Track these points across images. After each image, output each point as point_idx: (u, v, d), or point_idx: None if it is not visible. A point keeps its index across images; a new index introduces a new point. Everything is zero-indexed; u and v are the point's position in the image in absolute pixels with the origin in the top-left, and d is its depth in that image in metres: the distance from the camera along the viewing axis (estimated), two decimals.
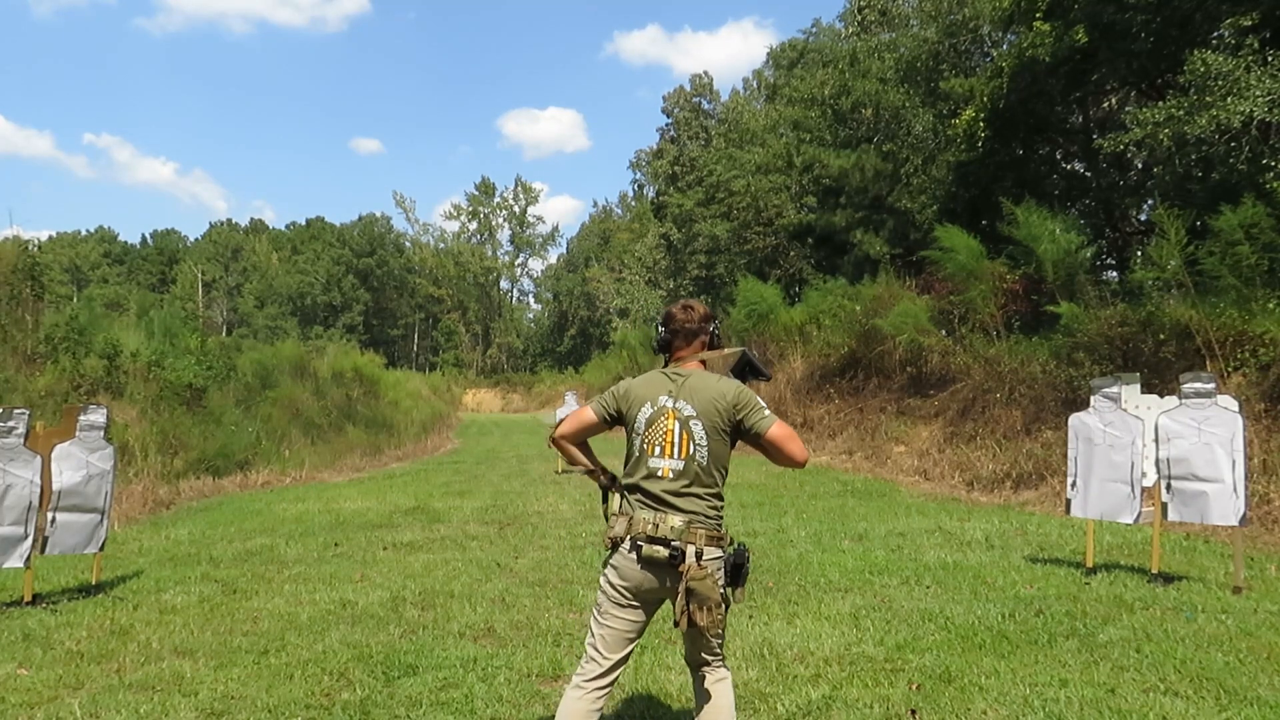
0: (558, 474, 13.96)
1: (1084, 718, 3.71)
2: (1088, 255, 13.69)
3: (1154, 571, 6.15)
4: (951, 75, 17.61)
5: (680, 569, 2.76)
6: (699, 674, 2.98)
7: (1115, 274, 17.04)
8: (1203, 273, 10.32)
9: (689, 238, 38.65)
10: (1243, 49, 10.55)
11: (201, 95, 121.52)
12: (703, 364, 3.00)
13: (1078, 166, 18.43)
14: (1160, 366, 10.25)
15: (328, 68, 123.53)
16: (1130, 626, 4.97)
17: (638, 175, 59.14)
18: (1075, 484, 6.73)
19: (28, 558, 5.74)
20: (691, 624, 2.74)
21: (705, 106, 49.37)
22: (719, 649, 2.97)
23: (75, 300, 35.15)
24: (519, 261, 77.14)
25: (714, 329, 3.06)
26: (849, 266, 22.44)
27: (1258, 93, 9.98)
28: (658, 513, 2.82)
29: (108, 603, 5.86)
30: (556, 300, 72.84)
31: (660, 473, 2.86)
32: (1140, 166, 17.18)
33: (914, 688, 4.05)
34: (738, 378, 3.01)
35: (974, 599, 5.65)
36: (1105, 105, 17.18)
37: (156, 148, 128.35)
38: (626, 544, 2.84)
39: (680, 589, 2.74)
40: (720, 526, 2.88)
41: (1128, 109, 14.78)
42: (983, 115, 15.04)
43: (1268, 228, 9.80)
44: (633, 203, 65.48)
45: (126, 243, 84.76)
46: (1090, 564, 6.46)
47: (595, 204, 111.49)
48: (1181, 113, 10.65)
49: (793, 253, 28.45)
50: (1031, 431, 11.63)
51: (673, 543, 2.77)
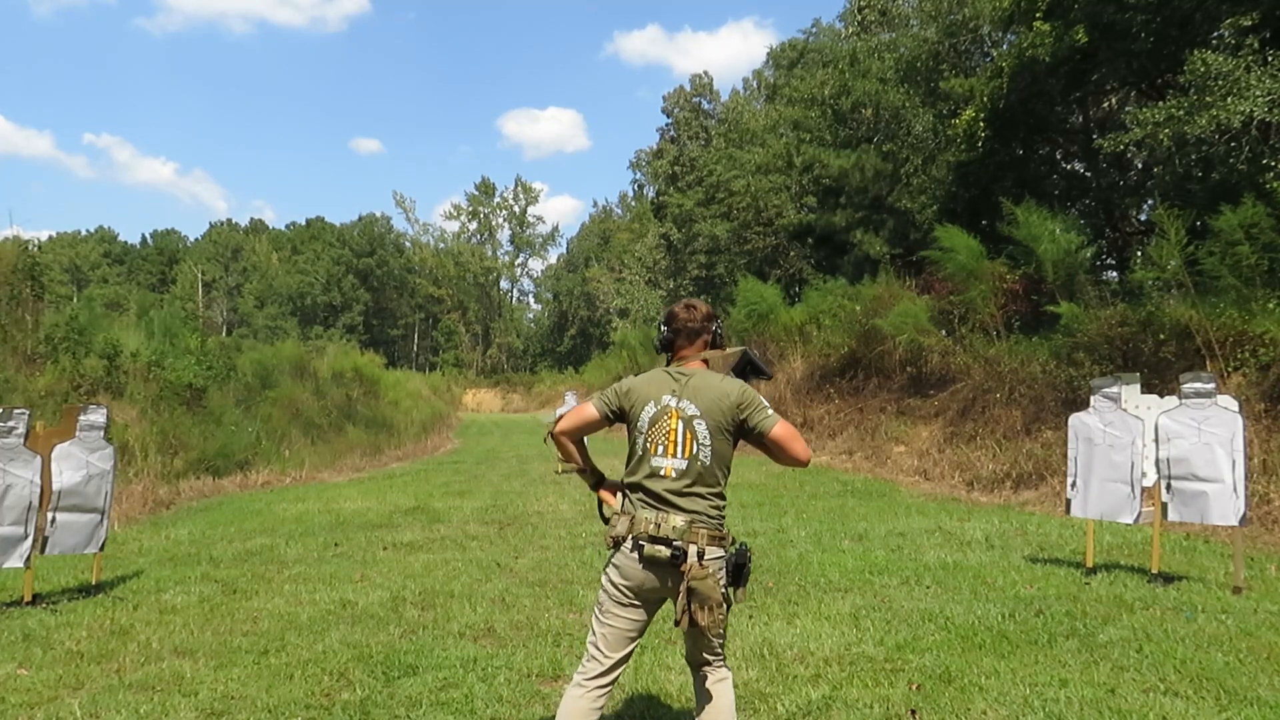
0: (557, 474, 13.95)
1: (1084, 718, 3.71)
2: (1088, 255, 13.69)
3: (1154, 571, 6.15)
4: (951, 75, 17.61)
5: (682, 569, 2.76)
6: (700, 674, 2.98)
7: (1115, 274, 17.04)
8: (1203, 273, 10.32)
9: (689, 238, 38.66)
10: (1243, 49, 10.55)
11: (201, 95, 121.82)
12: (705, 363, 3.00)
13: (1078, 166, 18.43)
14: (1160, 366, 10.25)
15: (328, 68, 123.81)
16: (1130, 626, 4.98)
17: (638, 175, 59.21)
18: (1075, 484, 6.73)
19: (28, 558, 5.74)
20: (693, 624, 2.74)
21: (705, 106, 49.37)
22: (720, 649, 2.97)
23: (75, 300, 35.15)
24: (519, 261, 77.21)
25: (717, 328, 3.06)
26: (849, 266, 22.44)
27: (1258, 93, 9.98)
28: (660, 512, 2.82)
29: (108, 603, 5.86)
30: (556, 300, 72.84)
31: (663, 472, 2.85)
32: (1140, 166, 17.18)
33: (914, 688, 4.05)
34: (739, 377, 3.01)
35: (974, 599, 5.65)
36: (1105, 105, 17.18)
37: (156, 148, 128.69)
38: (629, 543, 2.84)
39: (682, 588, 2.74)
40: (722, 526, 2.88)
41: (1128, 109, 14.78)
42: (983, 115, 15.05)
43: (1268, 228, 9.80)
44: (633, 203, 65.49)
45: (126, 243, 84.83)
46: (1090, 564, 6.46)
47: (595, 204, 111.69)
48: (1181, 113, 10.65)
49: (793, 253, 28.45)
50: (1031, 431, 11.63)
51: (675, 542, 2.77)
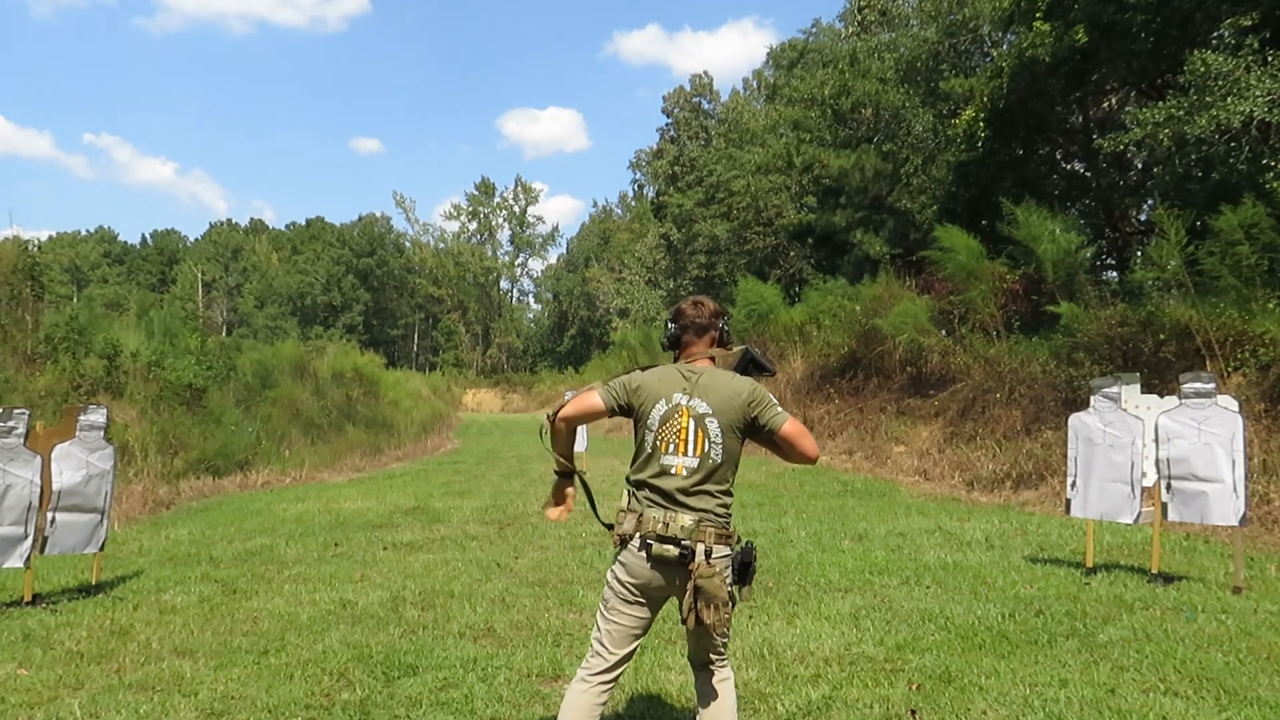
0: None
1: (1084, 718, 3.70)
2: (1088, 255, 13.69)
3: (1154, 571, 6.15)
4: (951, 75, 17.61)
5: (690, 567, 2.76)
6: (702, 673, 2.98)
7: (1115, 274, 17.04)
8: (1203, 273, 10.32)
9: (689, 238, 38.67)
10: (1243, 49, 10.55)
11: (201, 95, 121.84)
12: (712, 360, 3.00)
13: (1078, 166, 18.42)
14: (1160, 366, 10.25)
15: (328, 68, 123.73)
16: (1130, 626, 4.97)
17: (638, 175, 59.21)
18: (1075, 484, 6.73)
19: (28, 558, 5.74)
20: (699, 622, 2.74)
21: (705, 106, 49.39)
22: (723, 648, 2.97)
23: (75, 300, 35.16)
24: (519, 261, 77.21)
25: (723, 325, 3.06)
26: (849, 266, 22.44)
27: (1258, 93, 9.98)
28: (668, 511, 2.82)
29: (108, 603, 5.86)
30: (556, 300, 72.82)
31: (674, 470, 2.85)
32: (1140, 166, 17.18)
33: (914, 688, 4.05)
34: (741, 375, 3.02)
35: (974, 599, 5.65)
36: (1105, 105, 17.17)
37: (156, 148, 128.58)
38: (636, 542, 2.84)
39: (689, 587, 2.75)
40: (729, 525, 2.88)
41: (1128, 109, 14.78)
42: (983, 115, 15.05)
43: (1268, 228, 9.80)
44: (633, 203, 65.49)
45: (126, 243, 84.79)
46: (1090, 564, 6.46)
47: (595, 204, 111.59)
48: (1181, 113, 10.65)
49: (793, 253, 28.44)
50: (1031, 431, 11.62)
51: (683, 541, 2.77)
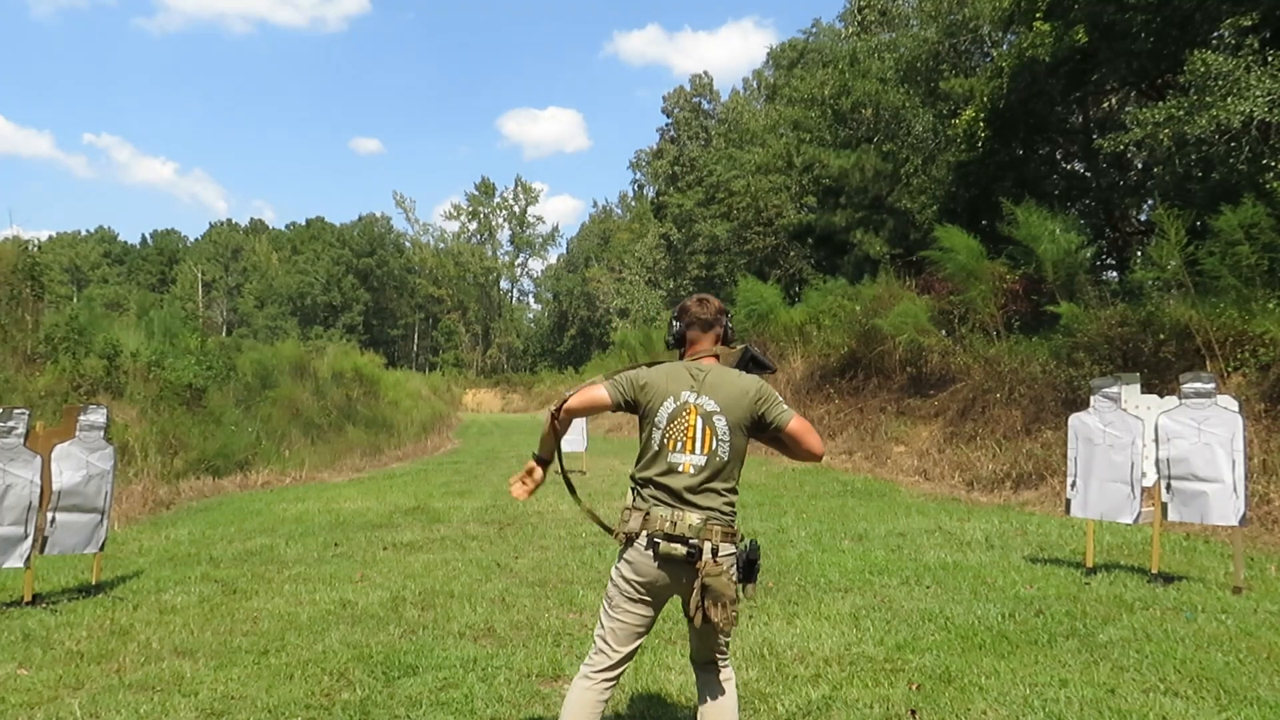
0: (556, 474, 13.95)
1: (1084, 718, 3.70)
2: (1088, 255, 13.70)
3: (1154, 571, 6.15)
4: (951, 75, 17.61)
5: (697, 566, 2.76)
6: (704, 673, 2.98)
7: (1115, 274, 17.03)
8: (1203, 273, 10.32)
9: (689, 238, 38.68)
10: (1243, 49, 10.55)
11: (201, 95, 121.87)
12: (716, 358, 3.00)
13: (1078, 166, 18.42)
14: (1160, 366, 10.25)
15: (328, 68, 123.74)
16: (1130, 626, 4.97)
17: (638, 175, 59.24)
18: (1075, 484, 6.73)
19: (28, 558, 5.74)
20: (706, 620, 2.74)
21: (705, 106, 49.42)
22: (726, 647, 2.98)
23: (75, 300, 35.18)
24: (519, 261, 77.21)
25: (727, 322, 3.07)
26: (849, 266, 22.43)
27: (1258, 93, 9.98)
28: (675, 510, 2.81)
29: (108, 603, 5.86)
30: (556, 300, 72.82)
31: (681, 468, 2.84)
32: (1140, 166, 17.17)
33: (914, 688, 4.05)
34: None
35: (974, 599, 5.65)
36: (1105, 105, 17.16)
37: (156, 148, 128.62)
38: (642, 540, 2.83)
39: (696, 585, 2.74)
40: (734, 522, 2.88)
41: (1128, 109, 14.77)
42: (983, 115, 15.05)
43: (1268, 228, 9.81)
44: (633, 203, 65.51)
45: (126, 243, 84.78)
46: (1090, 564, 6.46)
47: (595, 204, 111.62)
48: (1181, 113, 10.65)
49: (793, 253, 28.44)
50: (1031, 431, 11.62)
51: (690, 540, 2.76)
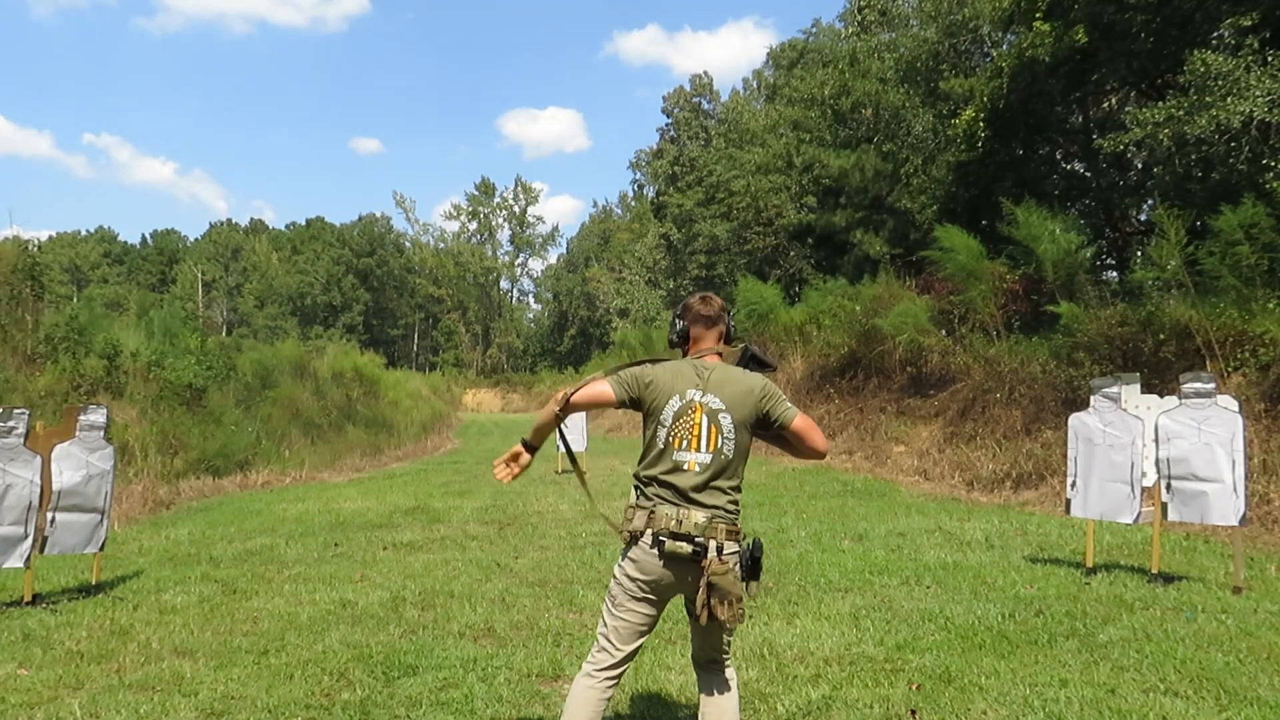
0: (557, 474, 13.96)
1: (1084, 718, 3.70)
2: (1088, 255, 13.70)
3: (1154, 571, 6.15)
4: (951, 75, 17.61)
5: (702, 564, 2.76)
6: (705, 673, 2.98)
7: (1115, 274, 17.04)
8: (1203, 273, 10.32)
9: (689, 238, 38.69)
10: (1243, 49, 10.55)
11: (201, 95, 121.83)
12: (719, 356, 3.01)
13: (1078, 166, 18.42)
14: (1160, 366, 10.26)
15: (328, 68, 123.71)
16: (1130, 626, 4.97)
17: (638, 175, 59.23)
18: (1075, 484, 6.73)
19: (28, 558, 5.74)
20: (712, 618, 2.74)
21: (705, 106, 49.41)
22: (728, 647, 2.98)
23: (75, 300, 35.18)
24: (519, 261, 77.19)
25: (729, 321, 3.08)
26: (849, 266, 22.44)
27: (1258, 93, 9.98)
28: (680, 508, 2.81)
29: (108, 603, 5.86)
30: (556, 300, 72.82)
31: (686, 466, 2.84)
32: (1140, 166, 17.17)
33: (914, 688, 4.05)
34: None
35: (974, 599, 5.65)
36: (1105, 105, 17.16)
37: (156, 148, 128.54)
38: (647, 538, 2.82)
39: (702, 584, 2.75)
40: (737, 521, 2.88)
41: (1128, 109, 14.77)
42: (983, 115, 15.05)
43: (1268, 228, 9.81)
44: (633, 203, 65.50)
45: (126, 243, 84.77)
46: (1090, 564, 6.46)
47: (595, 204, 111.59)
48: (1181, 113, 10.65)
49: (793, 253, 28.45)
50: (1031, 431, 11.62)
51: (696, 539, 2.77)
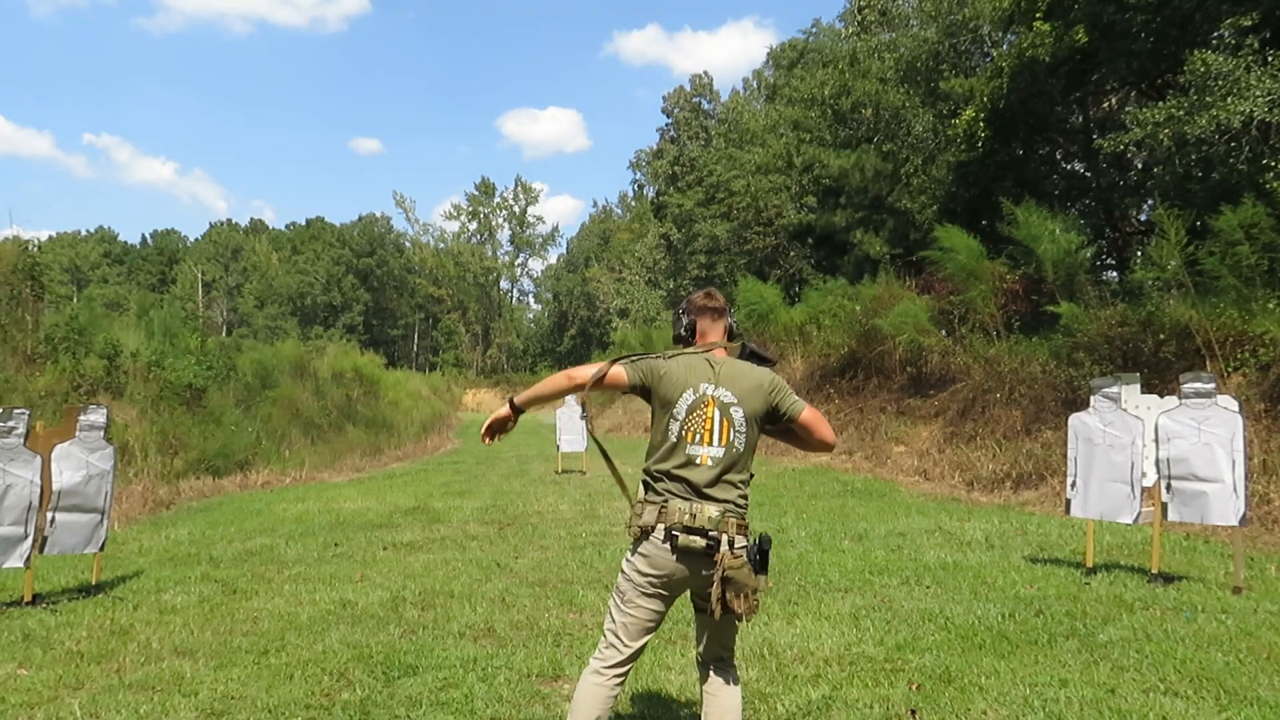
0: (557, 474, 13.97)
1: (1084, 718, 3.70)
2: (1088, 255, 13.70)
3: (1154, 571, 6.15)
4: (951, 75, 17.62)
5: (715, 558, 2.76)
6: (709, 672, 2.97)
7: (1115, 274, 17.04)
8: (1203, 273, 10.32)
9: (689, 238, 38.67)
10: (1243, 49, 10.55)
11: (201, 95, 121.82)
12: (725, 350, 3.01)
13: (1078, 166, 18.42)
14: (1160, 366, 10.26)
15: (328, 68, 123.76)
16: (1130, 626, 4.97)
17: (638, 175, 59.18)
18: (1075, 484, 6.73)
19: (28, 558, 5.74)
20: (726, 610, 2.74)
21: (705, 106, 49.39)
22: (733, 644, 2.99)
23: (75, 300, 35.19)
24: (519, 261, 77.12)
25: (731, 318, 3.10)
26: (849, 266, 22.44)
27: (1258, 93, 9.98)
28: (692, 502, 2.80)
29: (108, 603, 5.86)
30: (556, 300, 72.80)
31: (699, 460, 2.84)
32: (1140, 166, 17.18)
33: (914, 688, 4.05)
34: None
35: (974, 599, 5.65)
36: (1105, 105, 17.17)
37: (156, 148, 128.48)
38: (659, 533, 2.81)
39: (716, 578, 2.74)
40: (746, 515, 2.88)
41: (1128, 109, 14.77)
42: (983, 115, 15.05)
43: (1268, 228, 9.81)
44: (633, 203, 65.46)
45: (126, 243, 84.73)
46: (1090, 564, 6.46)
47: (595, 204, 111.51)
48: (1181, 113, 10.65)
49: (793, 253, 28.45)
50: (1031, 431, 11.62)
51: (709, 533, 2.77)
